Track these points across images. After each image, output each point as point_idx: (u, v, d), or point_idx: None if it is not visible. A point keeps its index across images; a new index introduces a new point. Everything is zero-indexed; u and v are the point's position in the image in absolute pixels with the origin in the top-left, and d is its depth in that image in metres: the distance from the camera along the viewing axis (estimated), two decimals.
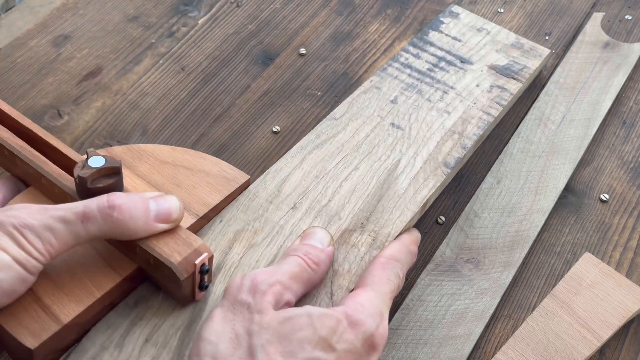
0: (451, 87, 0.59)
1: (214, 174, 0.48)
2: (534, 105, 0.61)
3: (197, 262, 0.39)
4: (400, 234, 0.48)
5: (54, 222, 0.36)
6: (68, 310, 0.38)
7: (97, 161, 0.40)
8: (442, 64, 0.61)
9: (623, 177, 0.58)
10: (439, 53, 0.62)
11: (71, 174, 0.42)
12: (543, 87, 0.64)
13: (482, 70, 0.60)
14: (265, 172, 0.50)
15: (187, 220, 0.45)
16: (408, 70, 0.60)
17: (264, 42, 0.68)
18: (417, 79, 0.59)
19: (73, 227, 0.36)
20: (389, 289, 0.42)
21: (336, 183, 0.50)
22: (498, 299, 0.49)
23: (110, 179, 0.40)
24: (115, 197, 0.37)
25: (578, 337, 0.46)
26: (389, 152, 0.53)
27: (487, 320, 0.48)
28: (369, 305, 0.39)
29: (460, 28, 0.64)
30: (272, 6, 0.71)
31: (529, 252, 0.53)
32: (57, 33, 0.67)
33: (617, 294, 0.48)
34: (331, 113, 0.55)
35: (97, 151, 0.43)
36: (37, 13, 0.68)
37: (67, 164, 0.43)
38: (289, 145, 0.60)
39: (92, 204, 0.37)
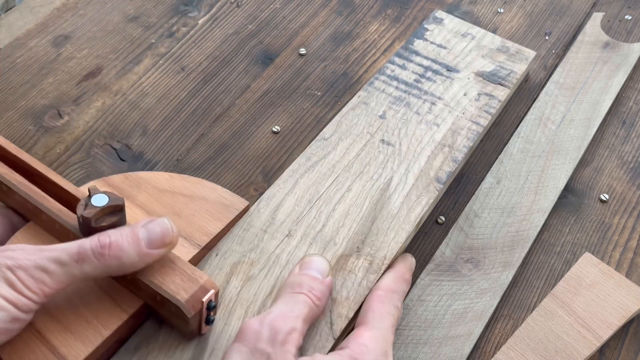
0: (439, 98, 0.58)
1: (212, 201, 0.47)
2: (534, 105, 0.61)
3: (204, 299, 0.39)
4: (395, 256, 0.48)
5: (49, 263, 0.36)
6: (76, 351, 0.38)
7: (100, 200, 0.39)
8: (429, 73, 0.60)
9: (623, 177, 0.58)
10: (425, 62, 0.61)
11: (71, 209, 0.42)
12: (543, 87, 0.64)
13: (468, 78, 0.60)
14: (259, 200, 0.50)
15: (190, 252, 0.44)
16: (395, 83, 0.59)
17: (264, 42, 0.68)
18: (405, 92, 0.59)
19: (68, 268, 0.37)
20: (390, 323, 0.42)
21: (330, 207, 0.50)
22: (498, 299, 0.49)
23: (114, 216, 0.40)
24: (104, 237, 0.38)
25: (578, 337, 0.46)
26: (380, 170, 0.53)
27: (487, 320, 0.48)
28: (373, 346, 0.40)
29: (445, 34, 0.64)
30: (272, 6, 0.71)
31: (528, 252, 0.53)
32: (57, 33, 0.67)
33: (617, 294, 0.48)
34: (320, 133, 0.55)
35: (98, 186, 0.43)
36: (37, 13, 0.68)
37: (67, 199, 0.43)
38: (289, 145, 0.60)
39: (86, 244, 0.37)
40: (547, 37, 0.69)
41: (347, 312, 0.44)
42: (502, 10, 0.71)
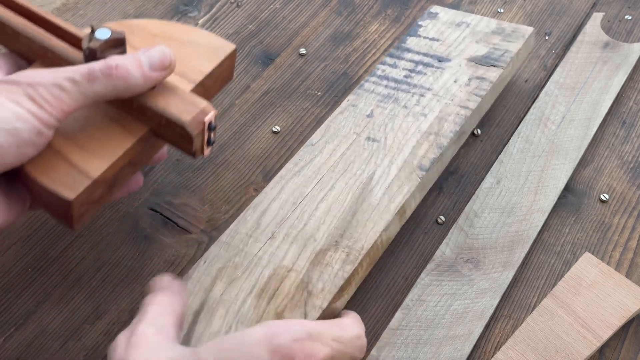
0: (428, 89, 0.58)
1: (203, 45, 0.49)
2: (534, 105, 0.61)
3: (205, 119, 0.43)
4: (373, 245, 0.48)
5: (64, 81, 0.40)
6: (95, 166, 0.41)
7: (103, 33, 0.42)
8: (420, 67, 0.60)
9: (623, 177, 0.58)
10: (416, 57, 0.60)
11: (76, 47, 0.45)
12: (543, 87, 0.64)
13: (460, 65, 0.59)
14: (246, 209, 0.51)
15: (186, 87, 0.46)
16: (385, 82, 0.59)
17: (264, 42, 0.68)
18: (394, 89, 0.58)
19: (80, 86, 0.40)
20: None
21: (312, 206, 0.50)
22: (498, 299, 0.49)
23: (117, 49, 0.43)
24: (110, 60, 0.41)
25: (578, 337, 0.47)
26: (364, 166, 0.53)
27: (487, 320, 0.48)
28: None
29: (439, 27, 0.63)
30: (272, 6, 0.71)
31: (528, 252, 0.53)
32: None
33: (617, 294, 0.48)
34: (309, 139, 0.55)
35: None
36: None
37: (70, 40, 0.45)
38: (288, 145, 0.60)
39: (95, 65, 0.41)
40: (547, 37, 0.69)
41: (322, 303, 0.44)
42: (502, 10, 0.71)
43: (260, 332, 0.37)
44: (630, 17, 0.70)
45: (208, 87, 0.48)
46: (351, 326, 0.41)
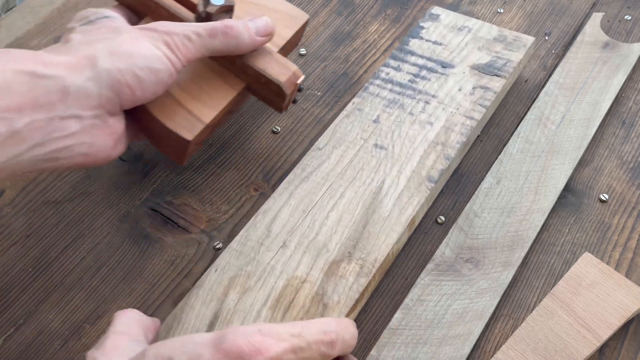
0: (433, 96, 0.58)
1: (282, 12, 0.57)
2: (534, 105, 0.61)
3: (298, 82, 0.52)
4: (386, 258, 0.48)
5: (191, 33, 0.47)
6: (206, 114, 0.49)
7: (218, 0, 0.51)
8: (424, 72, 0.60)
9: (622, 177, 0.58)
10: (420, 62, 0.61)
11: (189, 8, 0.53)
12: (543, 87, 0.64)
13: (464, 72, 0.60)
14: (256, 214, 0.51)
15: (272, 50, 0.53)
16: (389, 86, 0.59)
17: None
18: (399, 93, 0.58)
19: (203, 40, 0.47)
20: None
21: (323, 214, 0.50)
22: (498, 299, 0.49)
23: (227, 14, 0.52)
24: (227, 21, 0.49)
25: (578, 336, 0.47)
26: (372, 174, 0.53)
27: (486, 320, 0.48)
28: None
29: (441, 30, 0.63)
30: None
31: (528, 252, 0.53)
32: (58, 33, 0.67)
33: (616, 293, 0.48)
34: (315, 143, 0.55)
35: None
36: (38, 13, 0.68)
37: (183, 2, 0.53)
38: (289, 145, 0.60)
39: (217, 25, 0.48)
40: (546, 37, 0.69)
41: (338, 316, 0.44)
42: (502, 11, 0.71)
43: (210, 335, 0.35)
44: (630, 17, 0.70)
45: (286, 52, 0.57)
46: (317, 323, 0.37)
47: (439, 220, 0.55)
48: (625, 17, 0.71)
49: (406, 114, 0.57)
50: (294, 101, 0.55)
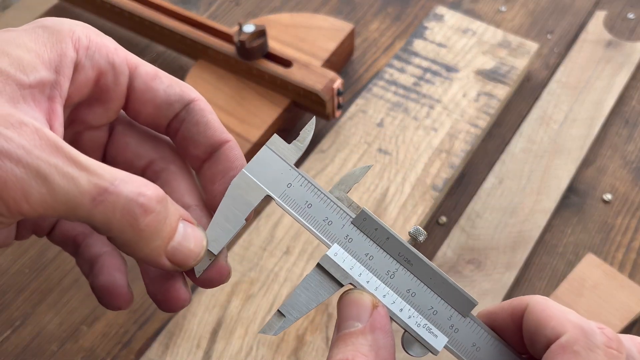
0: (437, 101, 0.57)
1: (326, 27, 0.61)
2: (536, 104, 0.61)
3: (334, 86, 0.54)
4: None
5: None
6: (253, 134, 0.54)
7: (248, 28, 0.55)
8: (428, 75, 0.59)
9: (626, 177, 0.57)
10: (424, 64, 0.60)
11: (227, 42, 0.58)
12: (545, 86, 0.63)
13: (468, 77, 0.59)
14: (258, 217, 0.50)
15: (316, 64, 0.57)
16: (393, 88, 0.58)
17: None
18: (403, 96, 0.58)
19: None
20: None
21: None
22: (500, 300, 0.49)
23: (260, 39, 0.55)
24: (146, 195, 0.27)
25: None
26: (377, 180, 0.52)
27: None
28: None
29: (445, 32, 0.63)
30: (271, 4, 0.71)
31: (531, 253, 0.52)
32: None
33: (619, 295, 0.48)
34: (319, 145, 0.55)
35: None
36: (35, 12, 0.68)
37: (220, 36, 0.58)
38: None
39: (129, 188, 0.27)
40: (549, 36, 0.68)
41: None
42: (504, 9, 0.71)
43: None
44: (633, 16, 0.70)
45: (334, 63, 0.61)
46: None
47: (440, 221, 0.54)
48: (629, 15, 0.70)
49: (410, 119, 0.56)
50: (340, 106, 0.56)
